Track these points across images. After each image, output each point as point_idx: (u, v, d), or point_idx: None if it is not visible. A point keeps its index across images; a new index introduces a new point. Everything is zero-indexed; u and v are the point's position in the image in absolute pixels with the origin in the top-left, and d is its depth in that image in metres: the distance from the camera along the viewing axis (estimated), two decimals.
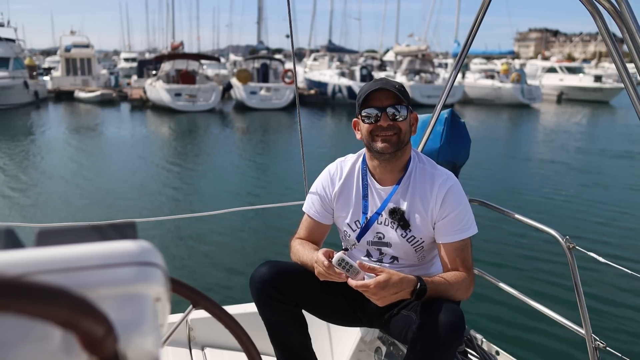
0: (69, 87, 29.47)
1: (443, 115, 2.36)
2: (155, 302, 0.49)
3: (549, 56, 52.56)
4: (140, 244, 0.47)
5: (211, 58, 31.86)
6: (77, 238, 0.48)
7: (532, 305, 1.98)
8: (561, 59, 47.81)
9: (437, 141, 2.34)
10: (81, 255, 0.44)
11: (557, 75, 34.15)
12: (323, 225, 1.93)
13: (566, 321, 1.86)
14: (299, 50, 51.43)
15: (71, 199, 9.25)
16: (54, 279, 0.42)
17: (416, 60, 30.51)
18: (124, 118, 22.93)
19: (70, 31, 35.21)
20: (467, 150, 2.39)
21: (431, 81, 28.03)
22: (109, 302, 0.43)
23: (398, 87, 1.73)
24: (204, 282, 5.63)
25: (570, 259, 1.77)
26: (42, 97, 27.33)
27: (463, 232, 1.74)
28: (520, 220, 2.03)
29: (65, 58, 30.48)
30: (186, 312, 0.95)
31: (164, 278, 0.48)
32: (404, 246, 1.81)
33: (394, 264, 1.86)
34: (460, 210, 1.74)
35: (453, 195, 1.75)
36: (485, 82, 29.69)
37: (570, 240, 1.79)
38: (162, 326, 0.53)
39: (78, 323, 0.38)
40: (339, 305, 1.91)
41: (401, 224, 1.78)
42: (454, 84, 2.44)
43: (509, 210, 2.10)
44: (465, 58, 2.36)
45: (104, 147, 15.55)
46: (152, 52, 55.79)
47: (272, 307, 1.78)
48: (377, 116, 1.72)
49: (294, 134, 18.18)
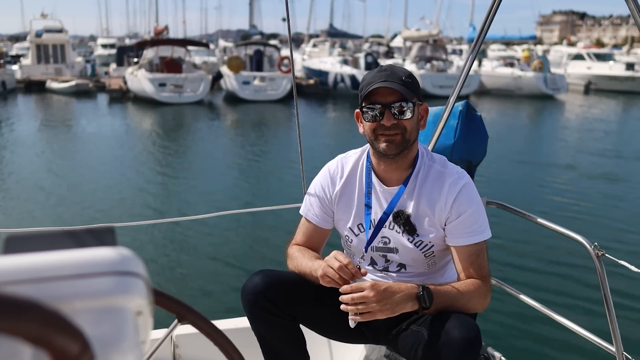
0: (40, 76, 29.49)
1: (457, 108, 2.36)
2: (137, 316, 0.49)
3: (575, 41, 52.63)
4: (119, 252, 0.47)
5: (199, 44, 31.91)
6: (50, 245, 0.48)
7: (557, 319, 1.99)
8: (589, 44, 47.86)
9: (450, 137, 2.34)
10: (54, 264, 0.44)
11: (585, 62, 34.18)
12: (323, 229, 1.93)
13: (594, 337, 1.86)
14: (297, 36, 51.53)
15: (43, 201, 9.25)
16: (24, 291, 0.42)
17: (427, 46, 30.56)
18: (101, 111, 22.95)
19: (42, 14, 35.18)
20: (484, 147, 2.39)
21: (444, 70, 28.06)
22: (85, 316, 0.43)
23: (405, 80, 1.71)
24: (190, 294, 5.63)
25: (599, 268, 1.77)
26: (10, 87, 27.36)
27: (477, 234, 1.73)
28: (543, 225, 2.03)
29: (35, 44, 30.51)
30: (171, 327, 0.95)
31: (145, 289, 0.48)
32: (412, 252, 1.81)
33: (401, 273, 1.87)
34: (474, 211, 1.74)
35: (465, 194, 1.75)
36: (504, 70, 29.73)
37: (599, 248, 1.78)
38: (144, 343, 0.53)
39: (50, 339, 0.38)
40: (342, 319, 1.91)
41: (406, 228, 1.79)
42: (470, 73, 2.44)
43: (530, 214, 2.10)
44: (482, 44, 2.36)
45: (79, 143, 15.56)
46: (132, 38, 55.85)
47: (266, 321, 1.78)
48: (380, 113, 1.70)
49: (291, 128, 18.20)
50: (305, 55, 36.53)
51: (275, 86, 25.27)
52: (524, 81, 28.26)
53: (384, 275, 1.89)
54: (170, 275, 6.22)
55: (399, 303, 1.54)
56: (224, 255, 6.85)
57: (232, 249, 7.07)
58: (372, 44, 39.66)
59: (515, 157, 13.58)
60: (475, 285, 1.68)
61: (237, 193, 10.21)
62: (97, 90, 27.95)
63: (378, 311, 1.53)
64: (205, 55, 35.50)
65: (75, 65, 31.50)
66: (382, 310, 1.53)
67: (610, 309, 1.77)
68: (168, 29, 36.38)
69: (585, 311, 5.15)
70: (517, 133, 18.52)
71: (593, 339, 1.86)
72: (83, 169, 11.92)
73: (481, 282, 1.70)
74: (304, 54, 37.64)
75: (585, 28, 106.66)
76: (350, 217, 1.87)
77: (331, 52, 33.66)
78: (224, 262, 6.65)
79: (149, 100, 23.00)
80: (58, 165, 12.45)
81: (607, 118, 22.83)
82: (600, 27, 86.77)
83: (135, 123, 19.89)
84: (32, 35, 31.68)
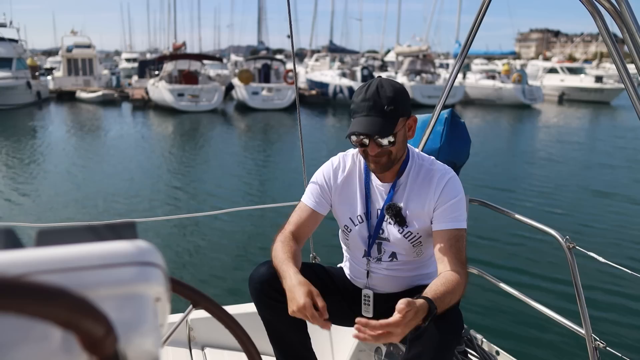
0: (70, 87, 29.48)
1: (443, 115, 2.36)
2: (155, 302, 0.49)
3: (550, 57, 52.46)
4: (140, 244, 0.47)
5: (213, 58, 31.88)
6: (77, 238, 0.48)
7: (533, 305, 1.98)
8: (562, 59, 47.70)
9: (437, 141, 2.34)
10: (81, 255, 0.44)
11: (559, 75, 34.10)
12: (317, 214, 1.87)
13: (566, 321, 1.86)
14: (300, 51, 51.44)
15: (72, 199, 9.25)
16: (54, 279, 0.42)
17: (417, 60, 30.49)
18: (125, 118, 22.95)
19: (72, 31, 35.20)
20: (467, 150, 2.39)
21: (432, 81, 28.00)
22: (109, 302, 0.44)
23: (387, 109, 1.63)
24: (203, 282, 5.63)
25: (570, 259, 1.77)
26: (44, 97, 27.34)
27: (458, 221, 1.72)
28: (520, 220, 2.03)
29: (67, 58, 30.50)
30: (186, 312, 0.95)
31: (163, 278, 0.48)
32: (402, 242, 1.81)
33: (392, 262, 1.86)
34: (458, 200, 1.74)
35: (451, 185, 1.76)
36: (486, 82, 29.65)
37: (571, 240, 1.78)
38: (162, 326, 0.53)
39: (78, 323, 0.38)
40: (339, 306, 1.91)
41: (398, 220, 1.79)
42: (455, 85, 2.44)
43: (509, 210, 2.09)
44: (466, 58, 2.36)
45: (105, 147, 15.56)
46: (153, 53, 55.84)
47: (271, 307, 1.77)
48: (364, 143, 1.68)
49: (295, 134, 18.18)
50: (308, 69, 36.49)
51: (281, 96, 25.23)
52: (504, 92, 28.20)
53: (377, 265, 1.88)
54: (185, 265, 6.22)
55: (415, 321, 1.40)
56: (233, 247, 6.85)
57: (240, 241, 7.07)
58: (367, 59, 39.55)
59: (495, 160, 13.56)
60: (457, 276, 1.60)
61: (246, 192, 10.20)
62: (122, 100, 27.93)
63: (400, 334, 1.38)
64: (219, 68, 35.47)
65: (102, 77, 31.48)
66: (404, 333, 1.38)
67: (581, 296, 1.77)
68: (185, 45, 36.36)
69: (558, 297, 5.15)
70: (498, 138, 18.49)
71: (565, 322, 1.86)
72: (108, 171, 11.91)
73: (461, 269, 1.63)
74: (307, 67, 37.60)
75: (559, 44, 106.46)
76: (350, 208, 1.87)
77: (331, 66, 33.64)
78: (233, 253, 6.65)
79: (168, 109, 22.99)
80: (86, 167, 12.45)
81: (578, 125, 22.79)
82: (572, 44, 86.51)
83: (156, 129, 19.87)
84: (63, 50, 31.66)
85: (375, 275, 1.90)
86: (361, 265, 1.92)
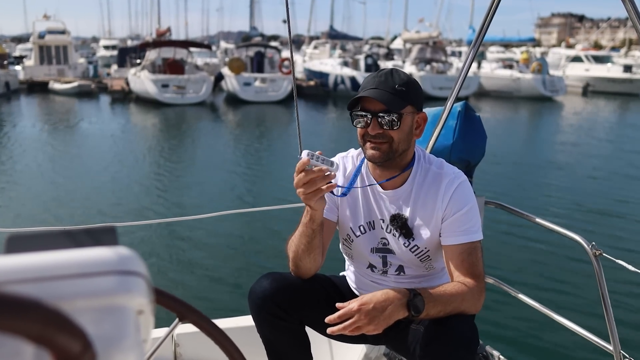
0: (43, 77, 29.51)
1: (456, 109, 2.35)
2: (138, 315, 0.49)
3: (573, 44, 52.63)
4: (120, 251, 0.47)
5: (201, 45, 31.91)
6: (51, 244, 0.48)
7: (554, 318, 1.98)
8: (587, 46, 47.85)
9: (449, 137, 2.34)
10: (55, 263, 0.44)
11: (583, 65, 34.17)
12: (329, 222, 1.84)
13: (592, 336, 1.86)
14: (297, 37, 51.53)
15: (45, 201, 9.25)
16: (26, 290, 0.42)
17: (427, 48, 30.57)
18: (103, 112, 22.96)
19: (44, 15, 35.24)
20: (483, 147, 2.39)
21: (443, 71, 28.07)
22: (87, 315, 0.43)
23: (397, 89, 1.66)
24: (191, 293, 5.63)
25: (596, 268, 1.77)
26: (13, 88, 27.39)
27: (470, 233, 1.71)
28: (541, 224, 2.03)
29: (38, 45, 30.53)
30: (172, 326, 0.95)
31: (147, 288, 0.48)
32: (408, 256, 1.80)
33: (400, 276, 1.86)
34: (469, 210, 1.72)
35: (461, 193, 1.73)
36: (503, 72, 29.72)
37: (597, 247, 1.78)
38: (145, 342, 0.53)
39: (52, 338, 0.38)
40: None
41: (403, 232, 1.77)
42: (469, 75, 2.44)
43: (528, 213, 2.09)
44: (481, 46, 2.36)
45: (81, 143, 15.56)
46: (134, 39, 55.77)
47: (273, 325, 1.76)
48: (367, 122, 1.68)
49: (292, 129, 18.19)
50: (306, 57, 36.54)
51: (276, 87, 25.25)
52: (523, 83, 28.24)
53: (383, 278, 1.87)
54: (171, 275, 6.22)
55: (391, 315, 1.50)
56: (224, 254, 6.85)
57: (233, 248, 7.07)
58: (372, 46, 39.61)
59: (513, 158, 13.58)
60: (469, 285, 1.62)
61: (237, 193, 10.21)
62: (99, 91, 27.95)
63: (373, 330, 1.49)
64: (207, 56, 35.52)
65: (77, 66, 31.49)
66: (377, 327, 1.49)
67: (608, 308, 1.77)
68: (170, 31, 36.36)
69: (583, 310, 5.14)
70: (516, 134, 18.52)
71: (591, 337, 1.86)
72: (85, 169, 11.92)
73: (474, 282, 1.64)
74: (305, 55, 37.64)
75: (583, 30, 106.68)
76: (351, 217, 1.85)
77: (331, 54, 33.69)
78: (224, 261, 6.64)
79: (151, 101, 22.99)
80: (60, 165, 12.45)
81: (605, 120, 22.82)
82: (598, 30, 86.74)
83: (138, 124, 19.88)
84: (34, 37, 31.70)
85: (382, 288, 1.89)
86: (366, 277, 1.92)
